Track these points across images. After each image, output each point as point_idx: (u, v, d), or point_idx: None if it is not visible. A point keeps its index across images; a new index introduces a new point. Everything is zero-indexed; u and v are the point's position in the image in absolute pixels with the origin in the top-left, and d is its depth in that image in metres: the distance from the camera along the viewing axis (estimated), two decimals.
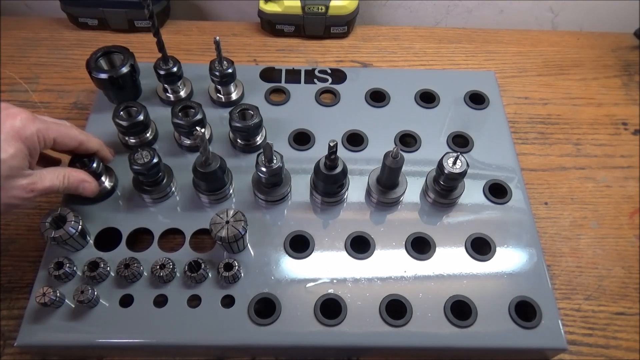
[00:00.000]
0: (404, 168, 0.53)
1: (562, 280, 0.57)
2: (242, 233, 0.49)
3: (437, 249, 0.54)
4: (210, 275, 0.51)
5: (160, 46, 0.58)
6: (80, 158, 0.53)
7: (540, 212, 0.62)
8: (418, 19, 0.88)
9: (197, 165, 0.52)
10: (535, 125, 0.71)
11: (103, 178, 0.55)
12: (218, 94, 0.65)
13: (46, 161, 0.54)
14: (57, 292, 0.47)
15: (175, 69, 0.61)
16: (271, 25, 0.78)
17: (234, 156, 0.60)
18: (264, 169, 0.52)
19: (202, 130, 0.47)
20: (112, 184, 0.56)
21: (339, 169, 0.52)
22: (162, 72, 0.60)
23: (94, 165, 0.53)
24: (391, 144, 0.63)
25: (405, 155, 0.53)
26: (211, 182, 0.53)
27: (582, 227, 0.61)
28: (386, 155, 0.52)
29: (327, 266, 0.53)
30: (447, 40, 0.82)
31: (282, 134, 0.63)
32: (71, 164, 0.53)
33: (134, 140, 0.59)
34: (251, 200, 0.57)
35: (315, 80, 0.69)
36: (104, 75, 0.59)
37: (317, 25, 0.78)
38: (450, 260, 0.54)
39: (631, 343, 0.54)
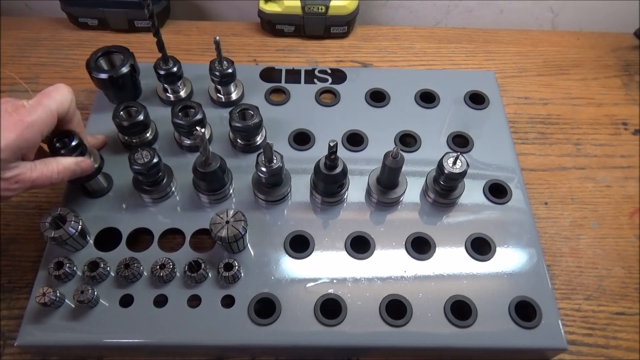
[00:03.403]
0: (404, 168, 0.53)
1: (562, 280, 0.57)
2: (242, 233, 0.49)
3: (437, 249, 0.54)
4: (210, 275, 0.51)
5: (160, 46, 0.58)
6: (60, 137, 0.50)
7: (540, 212, 0.62)
8: (418, 19, 0.88)
9: (197, 165, 0.52)
10: (535, 125, 0.71)
11: (86, 157, 0.52)
12: (218, 94, 0.65)
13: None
14: (57, 292, 0.47)
15: (175, 69, 0.61)
16: (271, 25, 0.78)
17: (234, 156, 0.60)
18: (264, 169, 0.52)
19: (202, 130, 0.47)
20: (97, 165, 0.54)
21: (339, 169, 0.52)
22: (162, 72, 0.60)
23: (73, 143, 0.50)
24: (391, 144, 0.63)
25: (405, 155, 0.53)
26: (211, 182, 0.53)
27: (582, 227, 0.61)
28: (386, 155, 0.52)
29: (327, 266, 0.53)
30: (447, 40, 0.82)
31: (282, 134, 0.63)
32: (51, 146, 0.50)
33: (134, 140, 0.59)
34: (251, 200, 0.57)
35: (315, 80, 0.69)
36: (104, 75, 0.59)
37: (317, 25, 0.78)
38: (450, 260, 0.54)
39: (631, 343, 0.54)
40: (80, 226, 0.50)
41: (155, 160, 0.52)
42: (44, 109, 0.46)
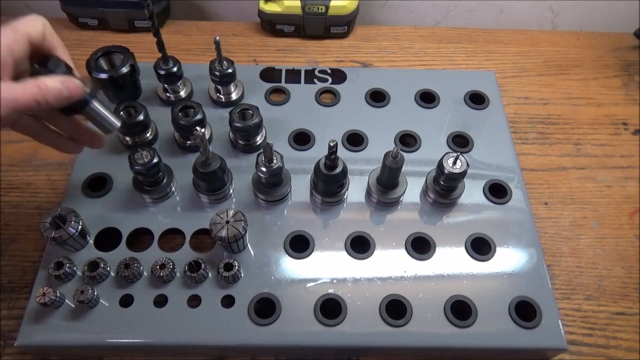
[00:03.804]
0: (404, 168, 0.53)
1: (562, 280, 0.57)
2: (242, 233, 0.49)
3: (437, 249, 0.54)
4: (210, 275, 0.51)
5: (160, 46, 0.58)
6: (43, 63, 0.46)
7: (540, 212, 0.62)
8: (418, 19, 0.88)
9: (197, 165, 0.52)
10: (535, 125, 0.71)
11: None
12: (218, 94, 0.65)
13: None
14: (57, 292, 0.47)
15: (175, 69, 0.61)
16: (271, 25, 0.78)
17: (234, 156, 0.60)
18: (264, 169, 0.52)
19: (202, 130, 0.47)
20: (88, 89, 0.48)
21: (339, 169, 0.52)
22: (162, 72, 0.60)
23: (50, 61, 0.46)
24: (391, 144, 0.63)
25: (405, 155, 0.53)
26: (211, 182, 0.53)
27: (582, 227, 0.61)
28: (386, 155, 0.52)
29: (327, 266, 0.53)
30: (447, 40, 0.82)
31: (282, 134, 0.63)
32: (33, 72, 0.46)
33: (134, 140, 0.59)
34: (251, 200, 0.57)
35: (315, 80, 0.69)
36: (104, 75, 0.59)
37: (317, 25, 0.78)
38: (450, 260, 0.54)
39: (631, 343, 0.54)
40: (80, 226, 0.50)
41: (155, 160, 0.52)
42: (10, 28, 0.45)
